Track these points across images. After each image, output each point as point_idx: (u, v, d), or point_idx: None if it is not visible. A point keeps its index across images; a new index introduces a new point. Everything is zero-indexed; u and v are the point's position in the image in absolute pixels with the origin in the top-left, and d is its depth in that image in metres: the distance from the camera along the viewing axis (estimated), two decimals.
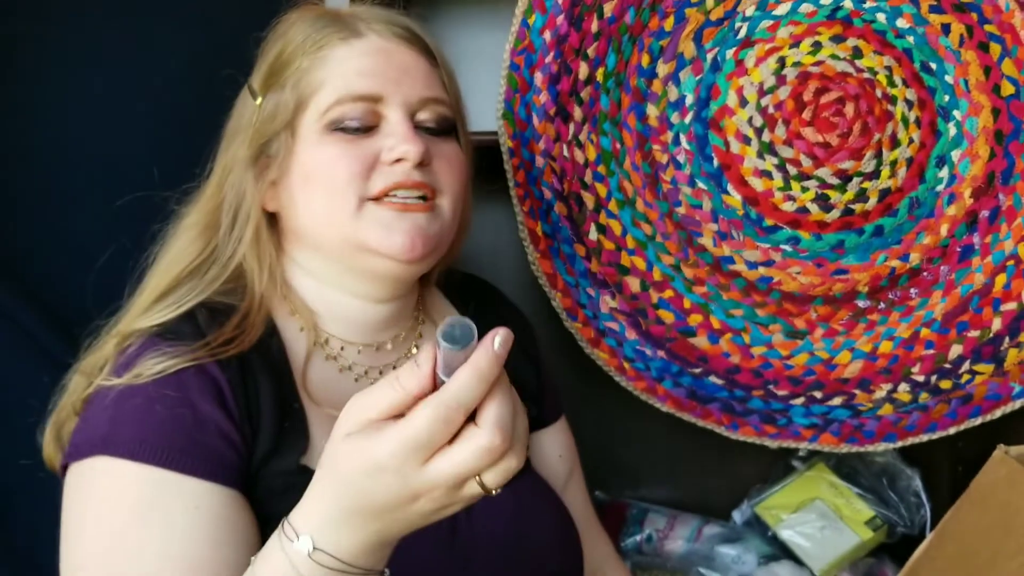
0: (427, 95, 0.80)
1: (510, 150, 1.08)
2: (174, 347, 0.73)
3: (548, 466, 0.95)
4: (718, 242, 1.09)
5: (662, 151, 1.08)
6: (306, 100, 0.78)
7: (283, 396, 0.75)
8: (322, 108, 0.77)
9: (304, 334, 0.81)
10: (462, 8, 1.36)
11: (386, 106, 0.78)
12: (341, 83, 0.77)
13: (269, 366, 0.76)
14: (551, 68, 1.06)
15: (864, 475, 1.30)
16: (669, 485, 1.44)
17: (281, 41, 0.81)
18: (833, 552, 1.22)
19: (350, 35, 0.79)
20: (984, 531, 0.72)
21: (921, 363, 1.10)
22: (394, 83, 0.78)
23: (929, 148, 1.06)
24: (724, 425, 1.12)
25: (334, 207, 0.76)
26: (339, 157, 0.76)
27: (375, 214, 0.77)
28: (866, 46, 1.04)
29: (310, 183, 0.77)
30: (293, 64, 0.79)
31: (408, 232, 0.77)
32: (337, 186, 0.76)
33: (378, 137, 0.78)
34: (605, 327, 1.11)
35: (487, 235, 1.37)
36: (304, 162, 0.77)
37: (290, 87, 0.78)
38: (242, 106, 0.83)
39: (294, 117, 0.78)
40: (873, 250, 1.08)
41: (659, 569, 1.26)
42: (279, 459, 0.73)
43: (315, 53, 0.78)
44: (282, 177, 0.79)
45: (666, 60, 1.07)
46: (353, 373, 0.82)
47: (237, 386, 0.73)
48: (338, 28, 0.80)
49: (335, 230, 0.77)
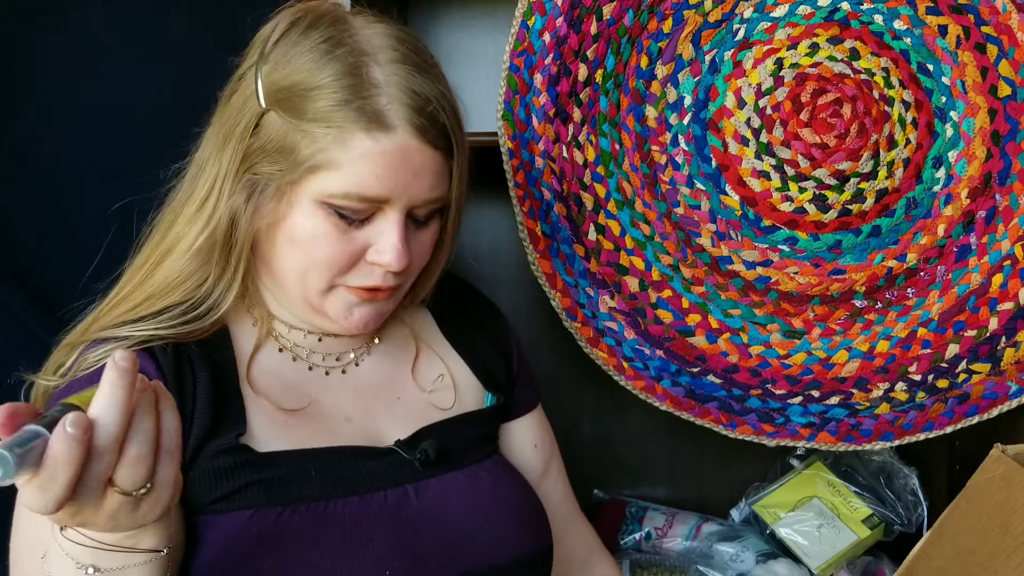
0: (431, 196, 0.78)
1: (510, 151, 1.09)
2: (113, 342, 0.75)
3: (522, 456, 0.96)
4: (716, 242, 1.10)
5: (661, 152, 1.09)
6: (316, 169, 0.75)
7: (222, 386, 0.77)
8: (328, 190, 0.75)
9: (256, 328, 0.83)
10: (462, 10, 1.37)
11: (388, 207, 0.77)
12: (355, 179, 0.74)
13: (208, 357, 0.78)
14: (551, 70, 1.06)
15: (861, 474, 1.30)
16: (667, 483, 1.44)
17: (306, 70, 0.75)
18: (831, 550, 1.22)
19: (377, 127, 0.74)
20: (981, 529, 0.73)
21: (918, 362, 1.10)
22: (403, 187, 0.76)
23: (926, 149, 1.06)
24: (722, 424, 1.13)
25: (307, 278, 0.79)
26: (328, 242, 0.76)
27: (343, 296, 0.80)
28: (863, 47, 1.04)
29: (293, 246, 0.78)
30: (311, 123, 0.74)
31: (365, 315, 0.81)
32: (317, 267, 0.78)
33: (369, 229, 0.77)
34: (604, 327, 1.12)
35: (487, 235, 1.38)
36: (293, 224, 0.77)
37: (303, 147, 0.74)
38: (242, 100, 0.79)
39: (299, 176, 0.75)
40: (870, 250, 1.09)
41: (658, 567, 1.26)
42: (217, 440, 0.75)
43: (338, 132, 0.74)
44: (270, 224, 0.78)
45: (665, 62, 1.07)
46: (307, 363, 0.84)
47: (170, 373, 0.75)
48: (366, 115, 0.74)
49: (301, 294, 0.80)
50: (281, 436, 0.78)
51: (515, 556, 0.82)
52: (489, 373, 0.94)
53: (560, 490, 1.00)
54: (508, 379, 0.96)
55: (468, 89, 0.86)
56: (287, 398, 0.80)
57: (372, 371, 0.88)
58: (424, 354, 0.91)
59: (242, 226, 0.78)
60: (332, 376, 0.85)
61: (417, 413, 0.86)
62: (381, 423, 0.84)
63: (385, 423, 0.84)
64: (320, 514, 0.74)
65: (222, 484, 0.73)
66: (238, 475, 0.74)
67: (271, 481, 0.74)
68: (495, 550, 0.81)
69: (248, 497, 0.73)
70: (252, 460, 0.74)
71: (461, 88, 0.87)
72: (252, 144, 0.77)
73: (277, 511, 0.73)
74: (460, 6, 1.36)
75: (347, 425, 0.82)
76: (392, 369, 0.89)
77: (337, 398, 0.84)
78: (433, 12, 1.36)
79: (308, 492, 0.75)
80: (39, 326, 1.08)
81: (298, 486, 0.75)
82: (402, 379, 0.89)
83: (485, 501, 0.83)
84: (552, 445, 1.00)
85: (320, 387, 0.84)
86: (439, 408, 0.88)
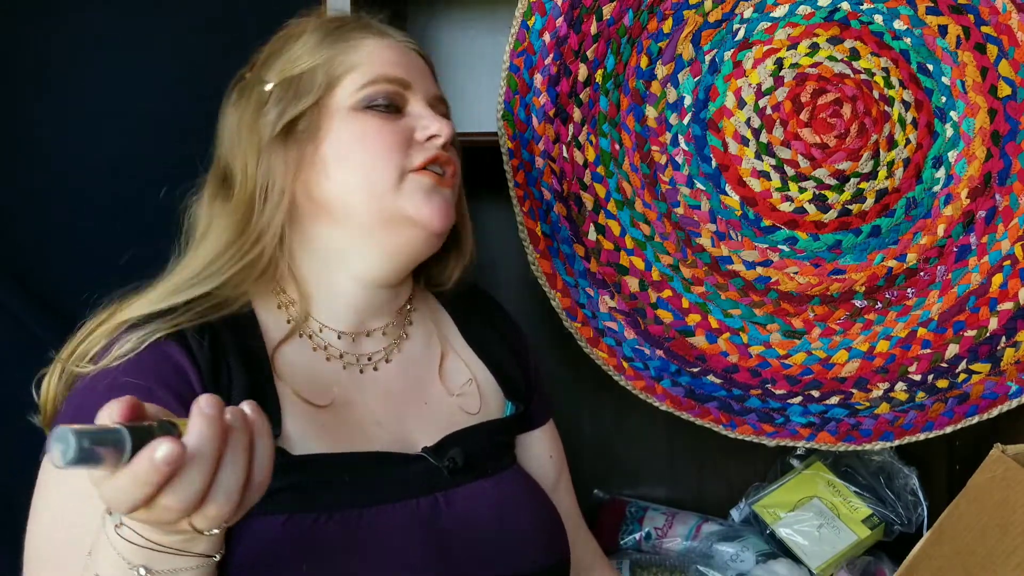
0: (439, 95, 0.89)
1: (510, 151, 1.09)
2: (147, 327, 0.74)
3: (538, 466, 0.96)
4: (716, 242, 1.10)
5: (661, 152, 1.09)
6: (338, 79, 0.83)
7: (256, 378, 0.77)
8: (356, 86, 0.82)
9: (285, 318, 0.83)
10: (462, 10, 1.37)
11: (412, 94, 0.85)
12: (375, 67, 0.83)
13: (241, 347, 0.77)
14: (550, 70, 1.06)
15: (861, 474, 1.30)
16: (667, 483, 1.44)
17: (298, 40, 0.85)
18: (830, 550, 1.22)
19: (377, 33, 0.86)
20: (981, 529, 0.73)
21: (918, 362, 1.10)
22: (417, 75, 0.86)
23: (926, 149, 1.06)
24: (722, 424, 1.13)
25: (375, 178, 0.81)
26: (378, 131, 0.82)
27: (418, 182, 0.82)
28: (863, 48, 1.05)
29: (347, 158, 0.81)
30: (320, 51, 0.83)
31: (440, 204, 0.83)
32: (380, 158, 0.81)
33: (406, 119, 0.84)
34: (604, 326, 1.12)
35: (487, 235, 1.38)
36: (340, 137, 0.81)
37: (321, 69, 0.82)
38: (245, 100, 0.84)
39: (324, 94, 0.82)
40: (870, 250, 1.09)
41: (658, 567, 1.26)
42: None
43: (346, 41, 0.84)
44: (311, 152, 0.81)
45: (664, 62, 1.07)
46: (341, 361, 0.84)
47: (207, 368, 0.74)
48: (364, 26, 0.87)
49: (375, 201, 0.81)
50: (315, 437, 0.77)
51: (539, 566, 0.82)
52: (509, 382, 0.94)
53: (569, 500, 1.00)
54: (527, 390, 0.96)
55: (468, 89, 0.87)
56: (320, 395, 0.80)
57: (401, 371, 0.88)
58: (450, 355, 0.92)
59: (278, 181, 0.81)
60: (366, 375, 0.85)
61: (444, 418, 0.87)
62: (410, 427, 0.84)
63: (414, 428, 0.84)
64: (355, 522, 0.74)
65: None
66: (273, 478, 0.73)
67: (305, 486, 0.74)
68: (521, 560, 0.81)
69: (282, 502, 0.72)
70: (287, 464, 0.74)
71: (461, 88, 0.88)
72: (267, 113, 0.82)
73: (312, 517, 0.72)
74: (460, 6, 1.36)
75: (378, 429, 0.82)
76: (421, 371, 0.89)
77: (368, 400, 0.84)
78: (433, 12, 1.36)
79: (342, 499, 0.74)
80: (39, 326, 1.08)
81: (332, 492, 0.74)
82: (430, 381, 0.89)
83: (511, 510, 0.83)
84: (563, 456, 1.01)
85: (353, 387, 0.83)
86: (466, 413, 0.88)
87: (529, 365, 0.98)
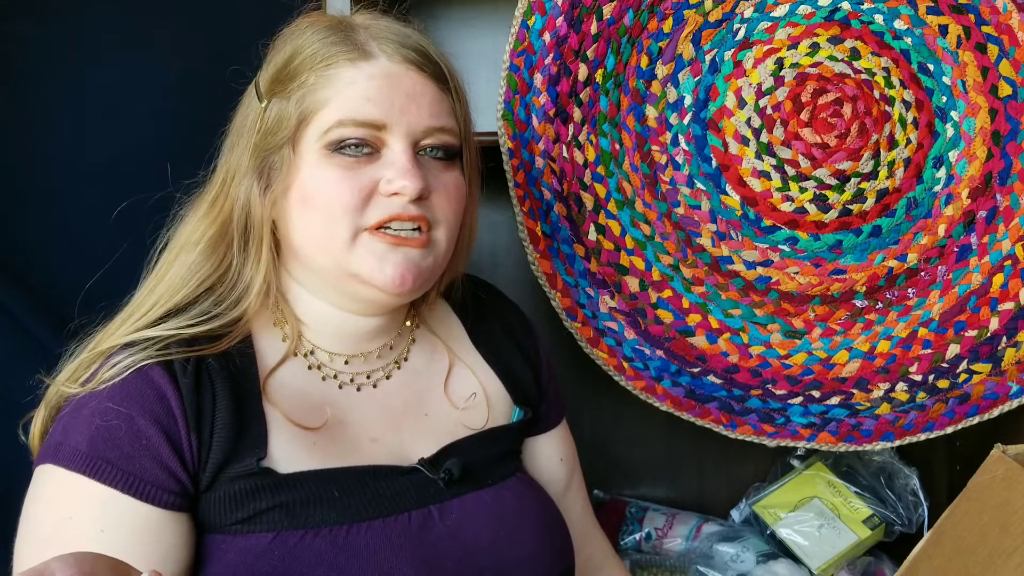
0: (432, 124, 0.78)
1: (510, 151, 1.08)
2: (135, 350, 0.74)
3: (549, 470, 0.95)
4: (716, 242, 1.09)
5: (661, 152, 1.09)
6: (309, 117, 0.76)
7: (243, 403, 0.76)
8: (324, 127, 0.76)
9: (285, 343, 0.81)
10: (462, 10, 1.37)
11: (389, 134, 0.77)
12: (345, 106, 0.76)
13: (229, 373, 0.76)
14: (551, 69, 1.06)
15: (862, 474, 1.30)
16: (668, 484, 1.44)
17: (291, 47, 0.80)
18: (831, 550, 1.22)
19: (359, 56, 0.77)
20: (981, 529, 0.73)
21: (919, 363, 1.10)
22: (399, 111, 0.76)
23: (927, 149, 1.06)
24: (722, 424, 1.13)
25: (329, 234, 0.76)
26: (338, 183, 0.75)
27: (369, 245, 0.76)
28: (864, 47, 1.04)
29: (308, 205, 0.77)
30: (300, 77, 0.77)
31: (399, 266, 0.77)
32: (334, 214, 0.76)
33: (378, 165, 0.77)
34: (604, 327, 1.12)
35: (487, 235, 1.38)
36: (303, 181, 0.77)
37: (295, 101, 0.77)
38: (247, 106, 0.83)
39: (296, 132, 0.77)
40: (871, 250, 1.09)
41: (658, 567, 1.26)
42: (237, 463, 0.73)
43: (323, 70, 0.77)
44: (283, 192, 0.78)
45: (665, 62, 1.07)
46: (337, 381, 0.83)
47: (189, 395, 0.73)
48: (348, 48, 0.77)
49: (329, 256, 0.77)
50: (305, 456, 0.76)
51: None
52: (518, 387, 0.92)
53: (580, 502, 0.99)
54: (537, 393, 0.95)
55: (468, 89, 0.86)
56: (311, 417, 0.79)
57: (402, 386, 0.86)
58: (457, 368, 0.89)
59: (255, 208, 0.78)
60: (363, 392, 0.84)
61: (445, 430, 0.85)
62: (408, 440, 0.83)
63: (412, 440, 0.83)
64: (343, 539, 0.73)
65: (243, 507, 0.72)
66: (259, 498, 0.72)
67: (293, 504, 0.73)
68: (519, 573, 0.80)
69: (269, 520, 0.72)
70: (274, 483, 0.73)
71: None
72: (260, 139, 0.78)
73: (299, 535, 0.72)
74: (460, 6, 1.36)
75: (373, 444, 0.81)
76: (423, 385, 0.87)
77: (364, 417, 0.82)
78: (433, 12, 1.36)
79: (331, 515, 0.74)
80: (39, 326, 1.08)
81: (320, 509, 0.74)
82: (433, 395, 0.87)
83: (509, 522, 0.82)
84: (575, 457, 1.00)
85: (348, 406, 0.82)
86: (469, 428, 0.86)
87: (541, 367, 0.97)
